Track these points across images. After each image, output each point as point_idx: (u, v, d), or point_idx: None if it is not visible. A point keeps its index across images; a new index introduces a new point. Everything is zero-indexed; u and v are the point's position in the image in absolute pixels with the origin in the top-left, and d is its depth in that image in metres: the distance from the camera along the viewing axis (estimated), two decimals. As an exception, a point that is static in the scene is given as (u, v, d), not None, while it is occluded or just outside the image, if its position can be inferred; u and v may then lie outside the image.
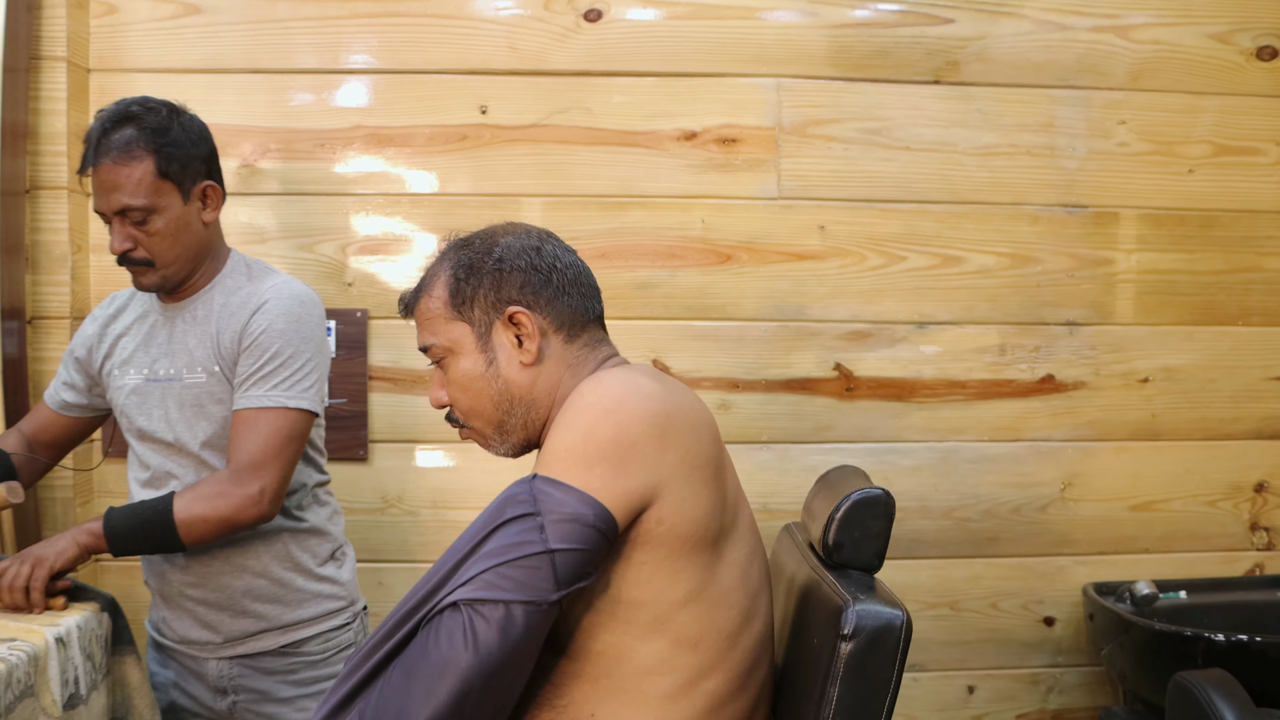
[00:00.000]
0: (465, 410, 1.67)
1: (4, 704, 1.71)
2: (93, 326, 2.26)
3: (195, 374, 2.12)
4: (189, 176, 2.09)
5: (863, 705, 1.56)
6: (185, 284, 2.16)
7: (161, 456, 2.15)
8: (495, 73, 2.78)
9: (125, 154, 2.02)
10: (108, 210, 2.05)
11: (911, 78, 2.84)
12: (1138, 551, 2.94)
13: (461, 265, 1.67)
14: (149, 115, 2.07)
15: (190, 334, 2.15)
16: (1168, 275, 2.92)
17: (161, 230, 2.06)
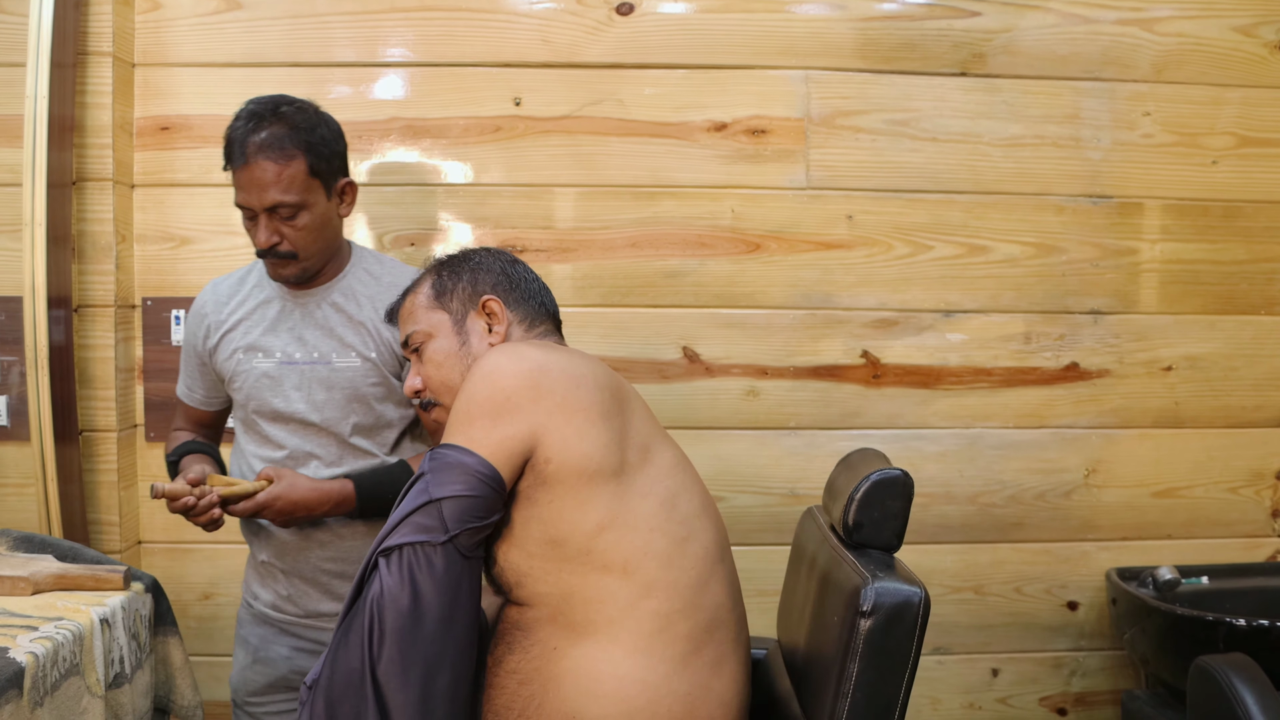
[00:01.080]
0: (437, 386, 1.88)
1: (50, 681, 1.76)
2: (203, 319, 2.32)
3: (347, 358, 2.21)
4: (333, 174, 2.18)
5: (882, 681, 1.60)
6: (320, 274, 2.24)
7: (300, 437, 2.22)
8: (529, 65, 2.82)
9: (280, 152, 2.10)
10: (258, 206, 2.12)
11: (938, 70, 2.86)
12: (1160, 537, 2.96)
13: (444, 267, 1.97)
14: (298, 115, 2.14)
15: (335, 321, 2.23)
16: (1191, 265, 2.94)
17: (307, 225, 2.15)
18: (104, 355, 2.73)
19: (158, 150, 2.81)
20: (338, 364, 2.21)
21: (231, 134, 2.13)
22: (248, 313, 2.28)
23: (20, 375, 2.62)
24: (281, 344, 2.23)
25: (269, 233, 2.13)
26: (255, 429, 2.26)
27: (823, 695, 1.65)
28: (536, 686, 1.67)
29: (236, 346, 2.26)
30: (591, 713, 1.64)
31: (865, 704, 1.60)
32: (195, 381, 2.36)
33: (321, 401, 2.21)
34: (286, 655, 2.29)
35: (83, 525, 2.67)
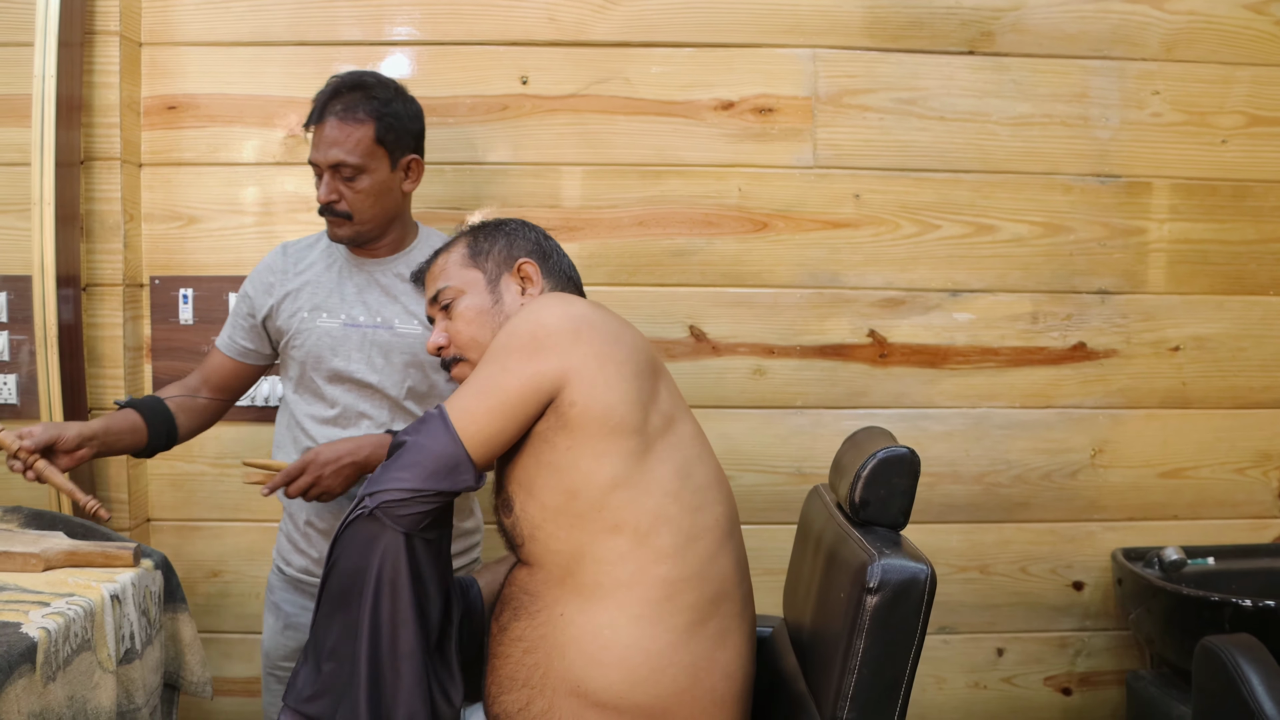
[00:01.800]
0: (465, 342, 1.89)
1: (63, 657, 1.77)
2: (269, 274, 2.39)
3: (409, 325, 2.29)
4: (400, 147, 2.27)
5: (888, 657, 1.61)
6: (375, 242, 2.33)
7: (354, 397, 2.30)
8: (535, 44, 2.82)
9: (350, 115, 2.21)
10: (323, 162, 2.23)
11: (946, 48, 2.85)
12: (1166, 518, 2.97)
13: (481, 231, 1.98)
14: (378, 86, 2.25)
15: (400, 289, 2.32)
16: (1199, 245, 2.93)
17: (366, 189, 2.24)
18: (112, 334, 2.74)
19: (165, 129, 2.81)
20: (400, 329, 2.30)
21: (316, 98, 2.25)
22: (316, 275, 2.36)
23: (29, 354, 2.63)
24: (346, 306, 2.31)
25: (329, 190, 2.24)
26: (309, 388, 2.33)
27: (829, 672, 1.66)
28: (542, 654, 1.69)
29: (300, 305, 2.33)
30: (596, 681, 1.66)
31: (871, 680, 1.60)
32: (240, 332, 2.41)
33: (380, 365, 2.29)
34: None
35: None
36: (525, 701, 1.69)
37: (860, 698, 1.61)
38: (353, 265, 2.35)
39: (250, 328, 2.39)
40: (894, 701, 1.61)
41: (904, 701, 1.62)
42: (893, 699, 1.61)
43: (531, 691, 1.69)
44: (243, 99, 2.81)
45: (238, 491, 2.86)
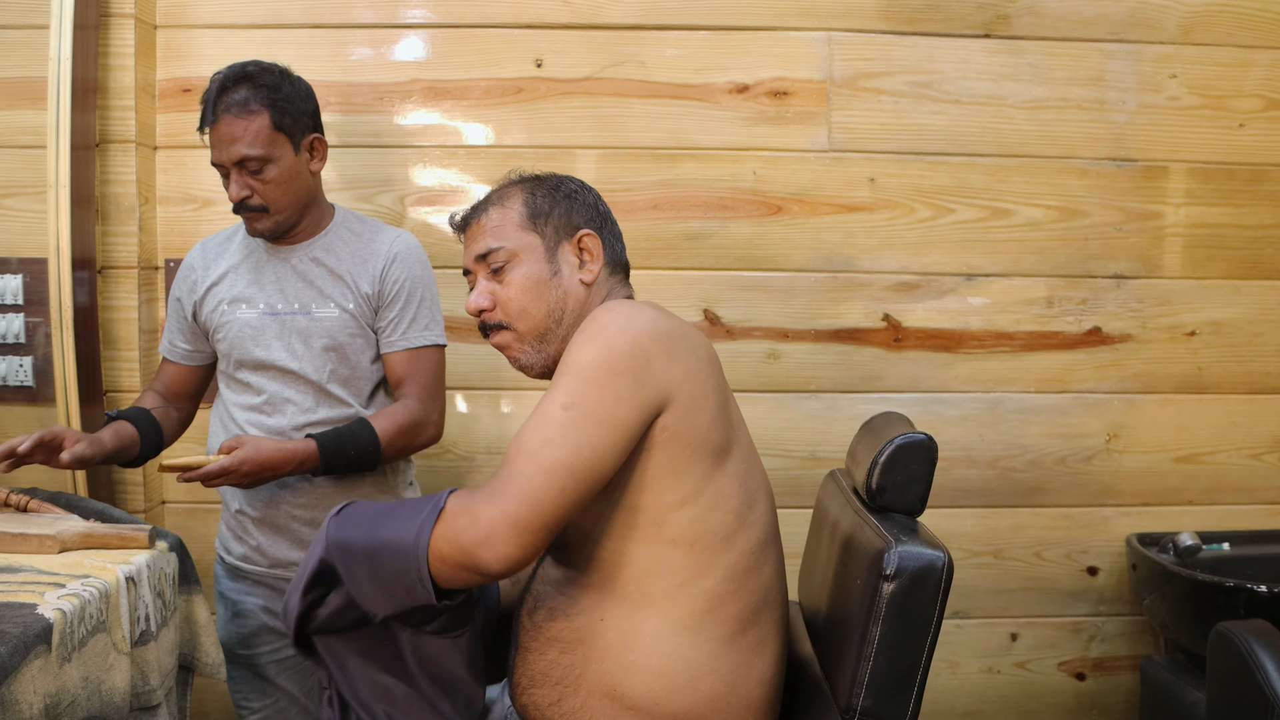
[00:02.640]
0: (516, 312, 1.76)
1: (78, 638, 1.77)
2: (190, 273, 2.41)
3: (326, 309, 2.31)
4: (299, 130, 2.26)
5: (904, 645, 1.60)
6: (294, 229, 2.32)
7: (279, 384, 2.32)
8: (550, 26, 2.81)
9: (244, 108, 2.19)
10: (227, 161, 2.21)
11: (962, 31, 2.84)
12: (1181, 503, 2.96)
13: (538, 188, 1.81)
14: (263, 74, 2.23)
15: (315, 274, 2.32)
16: (1216, 229, 2.91)
17: (275, 179, 2.23)
18: (128, 316, 2.74)
19: (179, 112, 2.81)
20: (316, 314, 2.31)
21: (203, 99, 2.23)
22: (232, 266, 2.37)
23: (45, 336, 2.64)
24: (265, 295, 2.33)
25: (240, 186, 2.23)
26: (236, 378, 2.36)
27: (844, 658, 1.66)
28: (579, 655, 1.65)
29: (221, 299, 2.35)
30: (632, 686, 1.62)
31: (887, 667, 1.60)
32: (178, 336, 2.44)
33: (301, 351, 2.31)
34: (262, 605, 2.40)
35: (108, 485, 2.70)
36: (556, 698, 1.66)
37: (876, 685, 1.60)
38: (268, 253, 2.35)
39: (186, 328, 2.42)
40: (910, 688, 1.61)
41: (920, 688, 1.61)
42: (909, 686, 1.61)
43: (564, 689, 1.66)
44: (257, 82, 2.80)
45: (252, 474, 2.87)
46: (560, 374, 1.58)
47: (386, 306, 2.32)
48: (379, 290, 2.32)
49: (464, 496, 1.52)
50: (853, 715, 1.61)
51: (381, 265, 2.32)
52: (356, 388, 2.35)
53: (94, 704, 1.82)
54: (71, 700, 1.74)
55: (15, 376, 2.71)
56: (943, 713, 2.97)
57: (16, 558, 1.98)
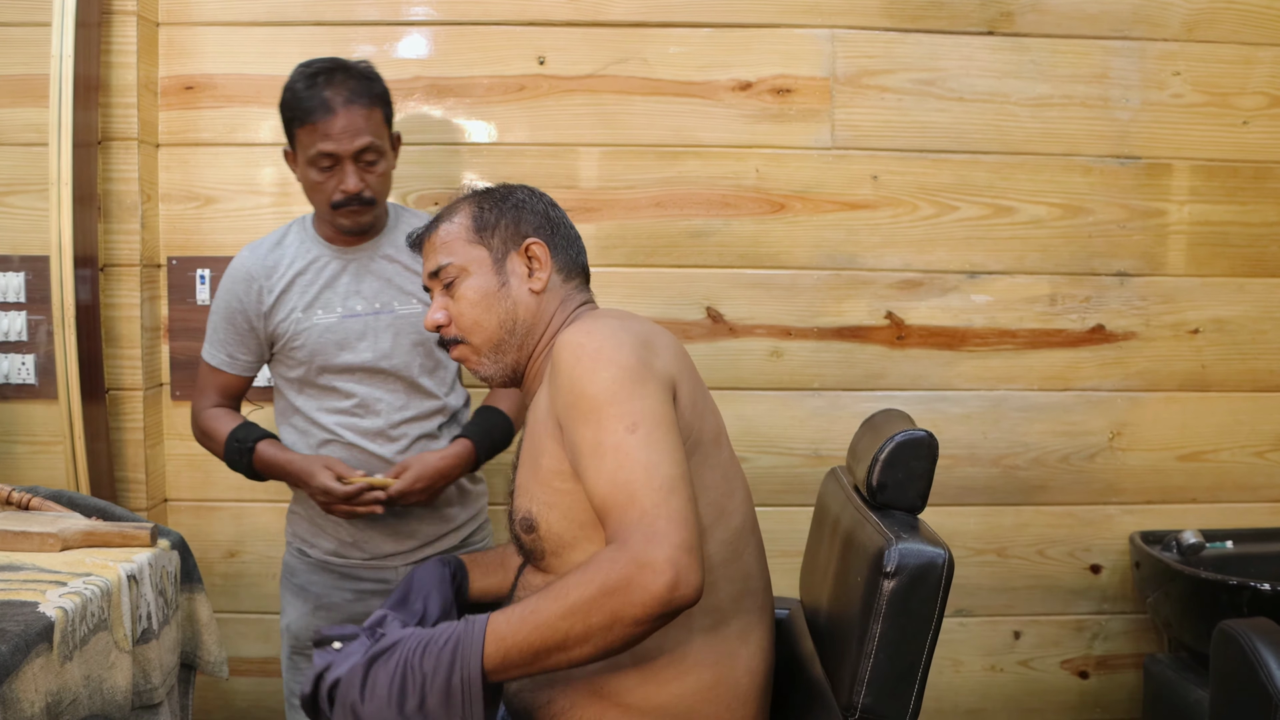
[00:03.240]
0: (469, 325, 1.79)
1: (79, 636, 1.77)
2: (251, 283, 2.34)
3: (409, 305, 2.31)
4: (391, 123, 2.29)
5: (905, 642, 1.60)
6: (374, 226, 2.34)
7: (368, 386, 2.32)
8: (553, 24, 2.81)
9: (366, 99, 2.21)
10: (349, 151, 2.19)
11: (965, 28, 2.83)
12: (1185, 501, 2.96)
13: (485, 200, 1.85)
14: (366, 69, 2.27)
15: (390, 270, 2.33)
16: (1220, 227, 2.91)
17: (384, 172, 2.26)
18: (130, 314, 2.74)
19: (182, 109, 2.81)
20: (401, 311, 2.32)
21: (306, 91, 2.21)
22: (299, 272, 2.33)
23: (48, 334, 2.64)
24: (340, 299, 2.31)
25: (358, 179, 2.21)
26: (316, 384, 2.33)
27: (845, 656, 1.66)
28: None
29: (294, 306, 2.31)
30: (620, 683, 1.63)
31: (888, 665, 1.60)
32: (238, 348, 2.38)
33: (389, 349, 2.31)
34: (350, 599, 2.39)
35: (110, 483, 2.70)
36: (547, 700, 1.67)
37: (877, 682, 1.60)
38: (334, 256, 2.34)
39: (250, 339, 2.36)
40: (910, 686, 1.61)
41: (921, 686, 1.61)
42: (909, 683, 1.60)
43: (554, 691, 1.67)
44: (260, 79, 2.80)
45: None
46: (588, 412, 1.56)
47: None
48: None
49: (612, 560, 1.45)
50: (853, 713, 1.61)
51: None
52: (442, 377, 2.38)
53: (95, 702, 1.82)
54: (73, 699, 1.74)
55: (17, 374, 2.71)
56: (946, 711, 2.97)
57: (18, 556, 1.98)
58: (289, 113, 2.25)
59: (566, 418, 1.59)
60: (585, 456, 1.55)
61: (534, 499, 1.68)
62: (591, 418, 1.55)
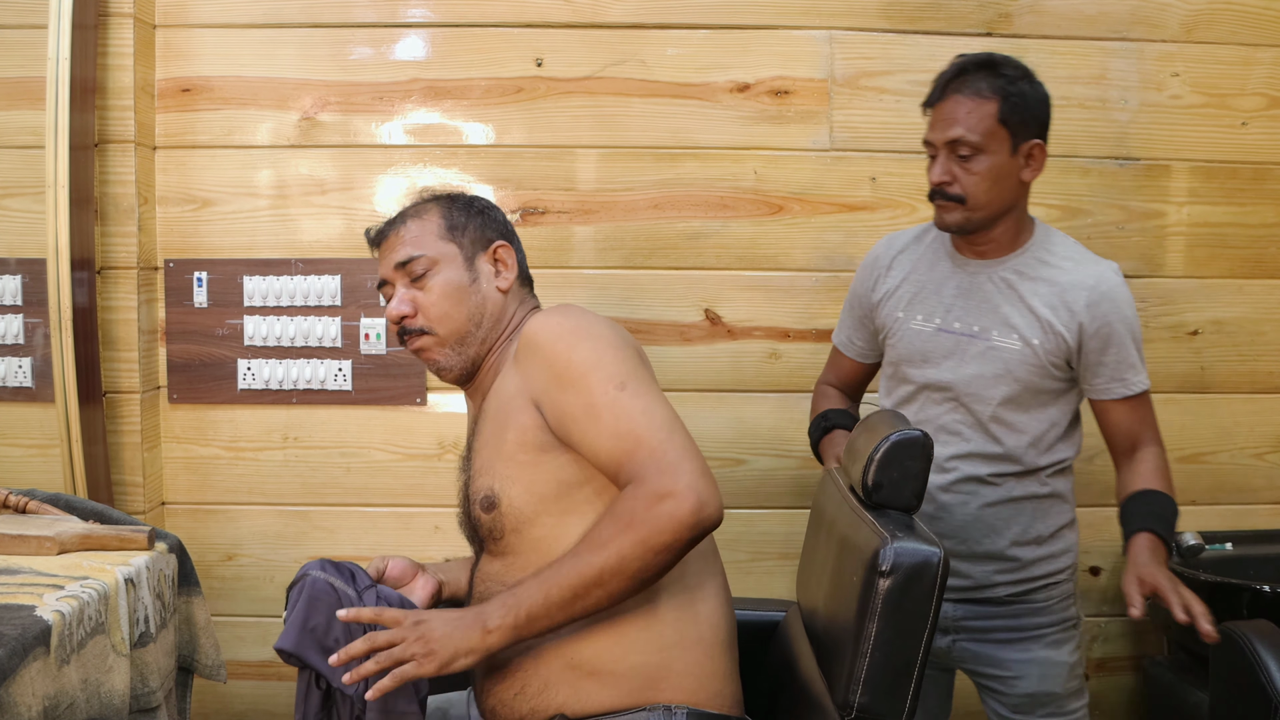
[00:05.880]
0: (437, 316, 1.84)
1: (77, 639, 1.77)
2: (875, 268, 2.34)
3: (1009, 339, 2.16)
4: (1024, 131, 2.12)
5: (900, 641, 1.61)
6: (988, 237, 2.19)
7: (939, 408, 2.23)
8: (550, 25, 2.81)
9: (974, 91, 2.10)
10: (940, 140, 2.13)
11: (964, 30, 2.83)
12: (1185, 503, 2.89)
13: (455, 203, 1.93)
14: (1006, 65, 2.14)
15: (1001, 297, 2.18)
16: (1218, 228, 2.90)
17: (982, 171, 2.11)
18: (127, 317, 2.74)
19: (179, 112, 2.81)
20: (997, 342, 2.17)
21: (938, 77, 2.17)
22: (914, 269, 2.29)
23: (44, 337, 2.63)
24: (943, 310, 2.22)
25: (942, 170, 2.13)
26: (897, 389, 2.31)
27: (841, 655, 1.66)
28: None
29: (898, 302, 2.28)
30: (589, 650, 1.68)
31: (884, 664, 1.60)
32: (855, 333, 2.40)
33: (970, 376, 2.18)
34: None
35: (107, 486, 2.69)
36: (520, 686, 1.70)
37: (872, 681, 1.61)
38: (956, 264, 2.24)
39: (862, 325, 2.38)
40: (906, 685, 1.61)
41: (917, 685, 1.62)
42: (905, 682, 1.61)
43: (525, 674, 1.70)
44: (257, 81, 2.80)
45: (252, 475, 2.87)
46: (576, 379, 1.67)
47: (1090, 350, 2.14)
48: (1077, 332, 2.13)
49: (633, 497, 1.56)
50: (849, 712, 1.62)
51: (1082, 302, 2.13)
52: (1018, 426, 2.20)
53: (93, 706, 1.82)
54: (70, 702, 1.73)
55: (14, 377, 2.71)
56: (945, 713, 2.96)
57: (15, 559, 1.98)
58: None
59: (551, 391, 1.69)
60: (579, 421, 1.66)
61: (496, 475, 1.74)
62: (580, 384, 1.66)
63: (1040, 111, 2.15)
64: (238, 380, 2.84)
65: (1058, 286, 2.14)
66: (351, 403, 2.85)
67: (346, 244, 2.83)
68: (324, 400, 2.86)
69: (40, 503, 2.22)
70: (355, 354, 2.84)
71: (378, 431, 2.87)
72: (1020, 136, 2.11)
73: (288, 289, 2.82)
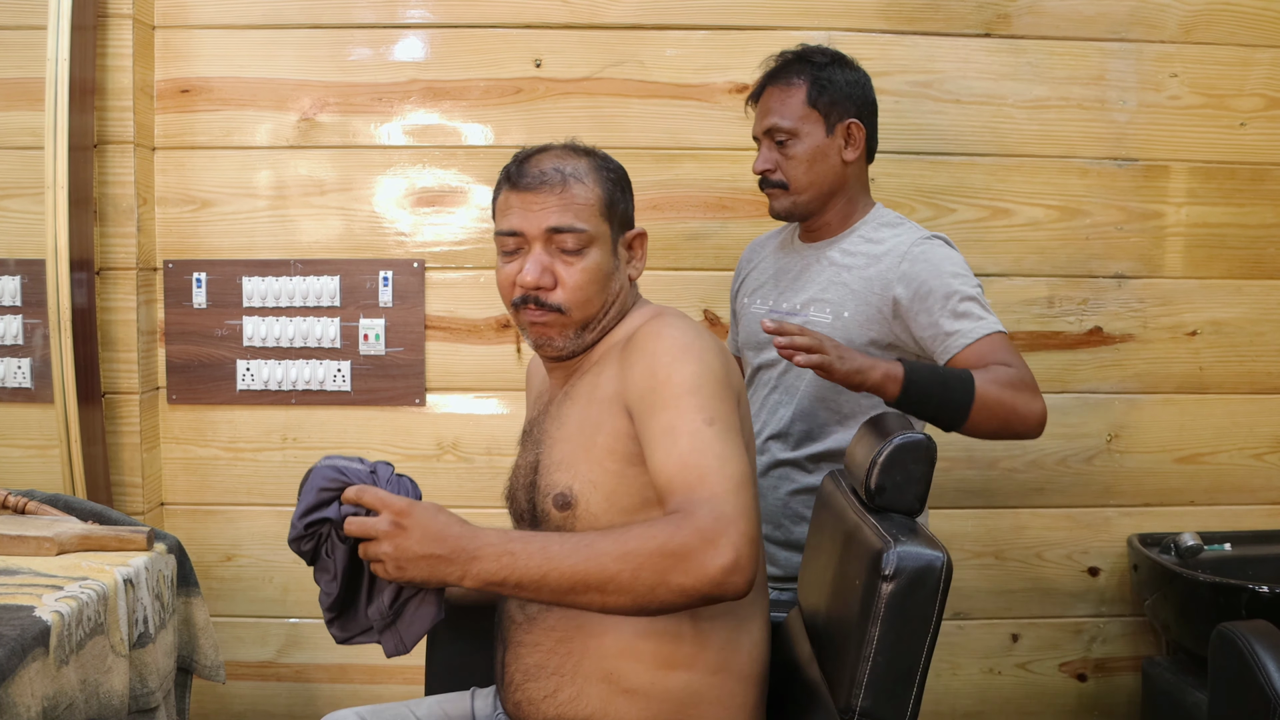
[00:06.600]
0: (578, 300, 1.71)
1: (76, 640, 1.77)
2: (740, 270, 2.48)
3: (822, 314, 2.22)
4: (837, 112, 2.23)
5: (903, 645, 1.60)
6: (821, 220, 2.28)
7: (766, 390, 2.31)
8: (549, 26, 2.81)
9: (784, 80, 2.25)
10: (758, 131, 2.24)
11: (962, 30, 2.83)
12: (1183, 503, 2.95)
13: (613, 175, 1.78)
14: (817, 53, 2.27)
15: (823, 275, 2.26)
16: (1217, 229, 2.90)
17: (799, 155, 2.22)
18: (126, 318, 2.74)
19: (178, 113, 2.81)
20: (812, 317, 2.23)
21: (759, 77, 2.32)
22: (764, 261, 2.40)
23: (43, 337, 2.63)
24: (776, 293, 2.33)
25: (764, 160, 2.23)
26: (748, 376, 2.39)
27: (844, 659, 1.65)
28: (577, 644, 1.66)
29: (746, 291, 2.40)
30: (630, 669, 1.64)
31: (886, 668, 1.59)
32: (733, 329, 2.52)
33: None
34: None
35: (106, 487, 2.69)
36: (553, 689, 1.67)
37: (875, 685, 1.60)
38: (796, 251, 2.34)
39: (735, 320, 2.47)
40: (909, 689, 1.60)
41: (919, 689, 1.61)
42: (908, 686, 1.60)
43: (561, 679, 1.66)
44: (256, 82, 2.80)
45: (251, 475, 2.87)
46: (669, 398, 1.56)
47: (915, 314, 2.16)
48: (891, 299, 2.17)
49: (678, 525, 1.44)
50: (851, 716, 1.61)
51: (896, 270, 2.17)
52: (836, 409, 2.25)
53: (92, 706, 1.82)
54: (70, 703, 1.73)
55: (13, 378, 2.70)
56: (944, 714, 2.96)
57: (14, 560, 1.98)
58: None
59: (643, 403, 1.59)
60: (657, 437, 1.55)
61: (578, 475, 1.65)
62: (671, 404, 1.55)
63: (854, 92, 2.25)
64: (237, 381, 2.84)
65: (873, 257, 2.21)
66: (350, 403, 2.86)
67: (345, 244, 2.83)
68: (323, 401, 2.86)
69: (39, 503, 2.22)
70: (354, 355, 2.84)
71: (377, 432, 2.87)
72: (834, 117, 2.23)
73: (287, 290, 2.82)
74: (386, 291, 2.82)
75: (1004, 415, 2.04)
